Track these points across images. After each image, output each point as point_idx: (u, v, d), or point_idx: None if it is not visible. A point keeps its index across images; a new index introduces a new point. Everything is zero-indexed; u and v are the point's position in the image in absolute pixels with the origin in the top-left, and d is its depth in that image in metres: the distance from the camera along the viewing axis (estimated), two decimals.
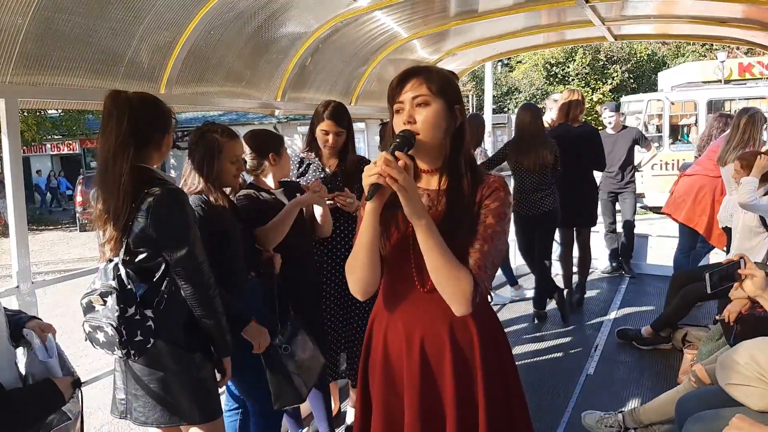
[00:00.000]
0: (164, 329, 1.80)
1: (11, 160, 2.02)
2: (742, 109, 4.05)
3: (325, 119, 2.69)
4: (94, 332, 1.77)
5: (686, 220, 4.49)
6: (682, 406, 2.24)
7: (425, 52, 4.35)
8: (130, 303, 1.73)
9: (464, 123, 1.44)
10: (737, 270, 1.82)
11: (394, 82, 1.41)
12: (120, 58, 2.38)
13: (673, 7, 3.86)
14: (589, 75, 27.29)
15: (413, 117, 1.37)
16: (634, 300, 4.95)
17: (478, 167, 1.47)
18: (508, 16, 3.71)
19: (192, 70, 2.74)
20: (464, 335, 1.46)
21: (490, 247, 1.38)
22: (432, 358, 1.46)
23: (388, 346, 1.51)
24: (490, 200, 1.40)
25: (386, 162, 1.26)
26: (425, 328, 1.46)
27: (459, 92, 1.44)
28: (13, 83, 2.02)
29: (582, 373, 3.52)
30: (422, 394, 1.46)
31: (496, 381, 1.48)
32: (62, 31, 2.11)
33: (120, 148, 1.74)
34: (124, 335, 1.71)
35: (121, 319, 1.71)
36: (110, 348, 1.76)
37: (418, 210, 1.30)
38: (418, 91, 1.37)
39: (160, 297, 1.79)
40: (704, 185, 4.43)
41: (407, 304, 1.47)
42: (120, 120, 1.73)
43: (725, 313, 2.67)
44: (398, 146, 1.31)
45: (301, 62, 3.35)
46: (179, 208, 1.80)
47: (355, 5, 3.10)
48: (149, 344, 1.76)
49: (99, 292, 1.74)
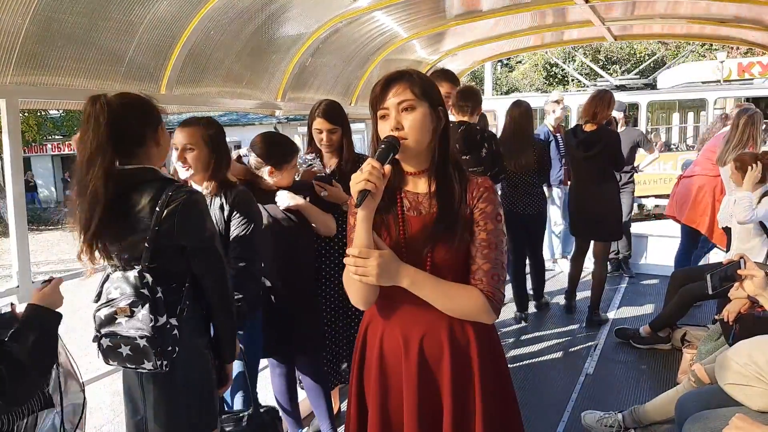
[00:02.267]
0: (184, 336, 1.71)
1: (12, 160, 2.02)
2: (742, 108, 4.04)
3: (317, 117, 2.69)
4: (115, 347, 1.66)
5: (688, 221, 4.49)
6: (682, 406, 2.24)
7: (425, 52, 4.36)
8: (161, 312, 1.64)
9: (448, 124, 1.45)
10: (737, 270, 1.83)
11: (377, 88, 1.41)
12: (120, 58, 2.39)
13: (673, 7, 3.86)
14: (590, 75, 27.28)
15: (400, 123, 1.37)
16: (633, 299, 4.95)
17: (464, 168, 1.47)
18: (507, 16, 3.72)
19: (192, 71, 2.74)
20: (463, 336, 1.46)
21: (496, 252, 1.39)
22: (431, 359, 1.46)
23: (384, 350, 1.50)
24: (483, 203, 1.40)
25: (371, 169, 1.28)
26: (424, 329, 1.45)
27: (440, 94, 1.44)
28: (13, 84, 2.02)
29: (581, 373, 3.53)
30: (420, 396, 1.45)
31: (493, 381, 1.49)
32: (63, 31, 2.11)
33: (98, 151, 1.61)
34: (158, 345, 1.62)
35: (154, 329, 1.61)
36: (137, 362, 1.65)
37: (393, 277, 1.35)
38: (403, 96, 1.37)
39: (183, 304, 1.72)
40: (703, 185, 4.43)
41: (405, 306, 1.45)
42: (98, 124, 1.60)
43: (724, 313, 2.67)
44: (383, 153, 1.33)
45: (301, 62, 3.36)
46: (202, 211, 1.75)
47: (355, 5, 3.11)
48: (175, 354, 1.67)
49: (127, 302, 1.63)
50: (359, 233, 1.34)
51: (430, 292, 1.37)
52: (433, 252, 1.39)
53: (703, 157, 4.54)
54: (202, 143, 2.10)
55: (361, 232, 1.34)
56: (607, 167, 4.18)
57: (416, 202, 1.44)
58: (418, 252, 1.40)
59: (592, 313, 4.38)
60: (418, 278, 1.36)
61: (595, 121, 4.12)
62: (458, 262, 1.41)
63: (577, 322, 4.43)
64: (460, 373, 1.45)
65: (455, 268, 1.42)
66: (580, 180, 4.34)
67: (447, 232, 1.38)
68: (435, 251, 1.39)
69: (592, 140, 4.10)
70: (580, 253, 4.55)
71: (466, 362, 1.46)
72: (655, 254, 5.75)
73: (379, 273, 1.31)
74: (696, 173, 4.53)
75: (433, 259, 1.40)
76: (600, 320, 4.37)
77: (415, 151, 1.39)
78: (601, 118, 4.12)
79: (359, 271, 1.32)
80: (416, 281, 1.36)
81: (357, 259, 1.32)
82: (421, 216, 1.43)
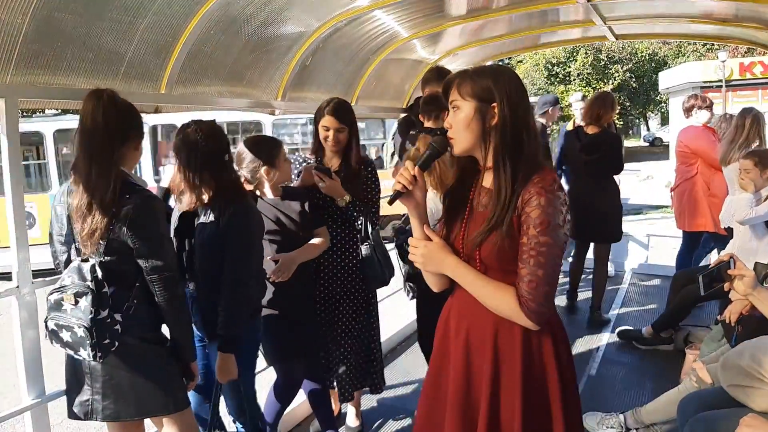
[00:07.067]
0: (131, 329, 1.82)
1: (11, 160, 2.02)
2: (745, 108, 4.03)
3: (326, 115, 2.64)
4: (58, 330, 1.77)
5: (695, 227, 4.51)
6: (684, 407, 2.24)
7: (425, 51, 4.35)
8: (104, 306, 1.75)
9: (508, 119, 1.39)
10: (727, 271, 1.82)
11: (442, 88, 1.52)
12: (120, 57, 2.38)
13: (674, 7, 3.85)
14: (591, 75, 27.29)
15: (449, 122, 1.46)
16: (635, 300, 4.94)
17: (534, 167, 1.40)
18: (508, 16, 3.71)
19: (192, 70, 2.73)
20: (509, 337, 1.44)
21: (536, 258, 1.35)
22: (474, 351, 1.48)
23: (448, 330, 1.57)
24: (529, 207, 1.36)
25: (403, 171, 1.44)
26: (472, 319, 1.49)
27: (493, 92, 1.40)
28: (13, 83, 2.01)
29: (583, 374, 3.52)
30: (460, 383, 1.48)
31: (538, 393, 1.44)
32: (62, 30, 2.10)
33: (109, 143, 1.78)
34: (94, 337, 1.72)
35: (93, 321, 1.71)
36: (74, 348, 1.76)
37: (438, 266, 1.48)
38: (453, 97, 1.46)
39: (130, 302, 1.83)
40: (685, 190, 4.49)
41: (466, 295, 1.49)
42: (106, 117, 1.78)
43: (726, 314, 2.66)
44: (425, 158, 1.46)
45: (302, 62, 3.35)
46: (156, 217, 1.84)
47: (355, 4, 3.10)
48: (114, 347, 1.77)
49: (73, 291, 1.74)
50: (412, 224, 1.51)
51: (469, 284, 1.45)
52: (480, 249, 1.42)
53: (678, 163, 4.60)
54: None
55: (413, 223, 1.50)
56: (608, 170, 4.18)
57: (484, 196, 1.48)
58: (471, 247, 1.44)
59: (593, 313, 4.37)
60: (459, 270, 1.45)
61: (598, 123, 4.10)
62: (507, 263, 1.40)
63: (579, 323, 4.42)
64: (499, 374, 1.44)
65: (503, 268, 1.42)
66: (579, 182, 4.33)
67: (491, 233, 1.39)
68: (482, 249, 1.42)
69: (596, 143, 4.09)
70: (581, 253, 4.55)
71: (510, 365, 1.43)
72: (656, 254, 5.75)
73: (424, 261, 1.48)
74: (678, 182, 4.59)
75: (481, 256, 1.43)
76: (602, 321, 4.36)
77: (463, 148, 1.45)
78: (604, 121, 4.11)
79: (410, 257, 1.50)
80: (457, 273, 1.46)
81: (411, 247, 1.49)
82: (484, 211, 1.45)
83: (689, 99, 4.60)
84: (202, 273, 2.19)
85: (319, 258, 2.69)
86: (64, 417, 1.99)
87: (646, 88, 29.43)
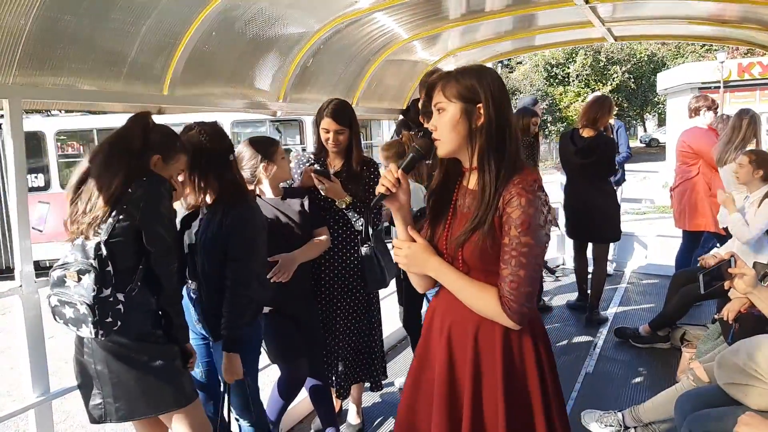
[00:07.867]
0: (133, 317, 1.84)
1: (15, 160, 2.03)
2: (742, 109, 4.05)
3: (325, 117, 2.64)
4: (61, 306, 1.79)
5: (696, 227, 4.52)
6: (681, 405, 2.26)
7: (426, 53, 4.36)
8: (107, 285, 1.77)
9: (493, 119, 1.40)
10: (728, 269, 1.84)
11: (423, 90, 1.56)
12: (123, 59, 2.39)
13: (673, 8, 3.87)
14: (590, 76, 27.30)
15: (434, 124, 1.47)
16: (633, 299, 4.96)
17: (515, 167, 1.41)
18: (508, 17, 3.73)
19: (195, 72, 2.75)
20: (488, 336, 1.45)
21: (517, 258, 1.36)
22: (456, 350, 1.49)
23: (433, 323, 1.59)
24: (510, 208, 1.36)
25: (386, 174, 1.47)
26: (454, 317, 1.50)
27: (480, 93, 1.40)
28: (16, 84, 2.03)
29: (581, 372, 3.54)
30: (444, 379, 1.49)
31: (519, 392, 1.45)
32: (65, 32, 2.12)
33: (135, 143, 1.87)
34: (96, 315, 1.74)
35: (95, 299, 1.74)
36: (77, 325, 1.78)
37: (421, 266, 1.49)
38: (437, 99, 1.46)
39: (134, 284, 1.85)
40: (685, 190, 4.51)
41: (449, 294, 1.50)
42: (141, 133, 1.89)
43: (724, 312, 2.68)
44: (407, 162, 1.48)
45: (303, 63, 3.36)
46: (166, 203, 1.88)
47: (356, 6, 3.12)
48: (116, 326, 1.80)
49: (76, 268, 1.76)
50: (396, 225, 1.54)
51: (452, 285, 1.47)
52: (463, 249, 1.42)
53: (679, 162, 4.61)
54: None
55: (397, 224, 1.52)
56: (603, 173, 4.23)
57: (467, 197, 1.49)
58: (455, 247, 1.45)
59: (591, 312, 4.39)
60: (442, 271, 1.47)
61: (594, 126, 4.14)
62: (489, 263, 1.41)
63: (577, 322, 4.44)
64: (480, 373, 1.45)
65: (486, 268, 1.42)
66: (575, 183, 4.36)
67: (473, 233, 1.40)
68: (464, 249, 1.42)
69: (592, 147, 4.12)
70: (580, 252, 4.58)
71: (490, 364, 1.45)
72: (656, 254, 5.76)
73: (408, 262, 1.50)
74: (677, 183, 4.60)
75: (463, 256, 1.43)
76: (599, 319, 4.38)
77: (447, 149, 1.46)
78: (600, 124, 4.15)
79: (394, 258, 1.53)
80: (440, 273, 1.47)
81: (395, 248, 1.52)
82: (467, 212, 1.46)
83: (697, 100, 4.60)
84: (204, 273, 2.20)
85: (320, 258, 2.70)
86: (68, 415, 2.00)
87: (644, 89, 29.46)
